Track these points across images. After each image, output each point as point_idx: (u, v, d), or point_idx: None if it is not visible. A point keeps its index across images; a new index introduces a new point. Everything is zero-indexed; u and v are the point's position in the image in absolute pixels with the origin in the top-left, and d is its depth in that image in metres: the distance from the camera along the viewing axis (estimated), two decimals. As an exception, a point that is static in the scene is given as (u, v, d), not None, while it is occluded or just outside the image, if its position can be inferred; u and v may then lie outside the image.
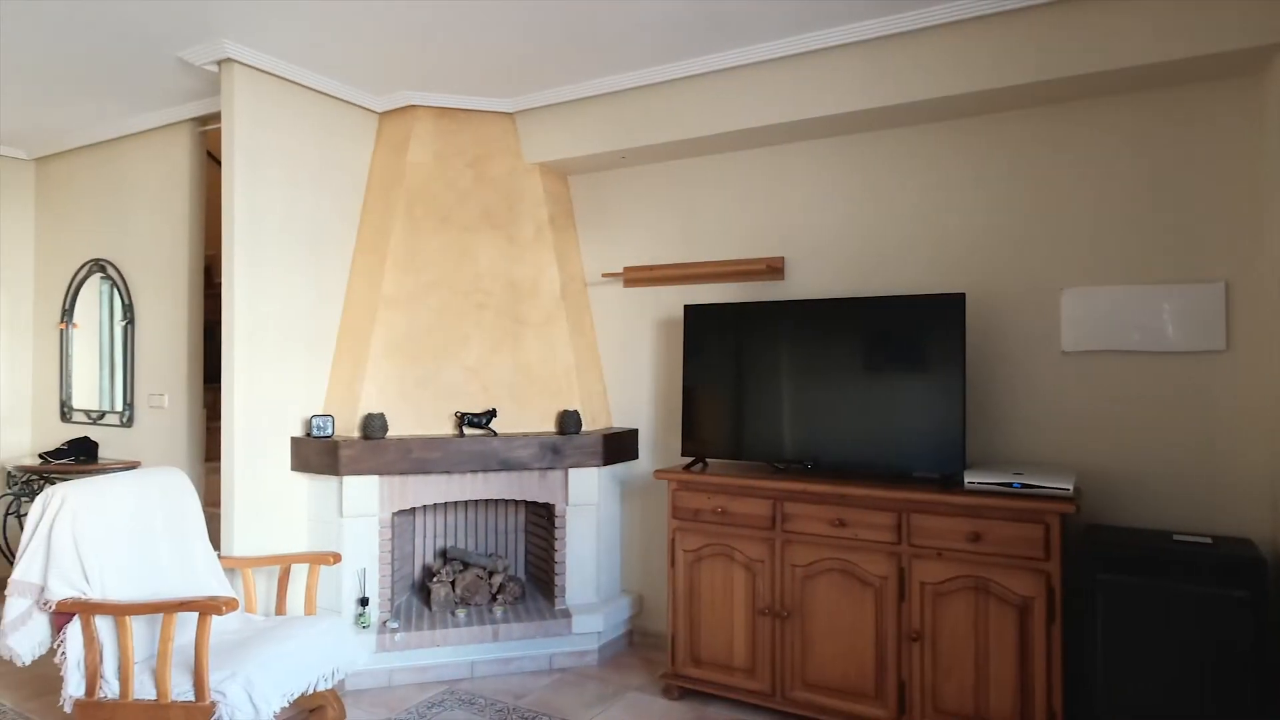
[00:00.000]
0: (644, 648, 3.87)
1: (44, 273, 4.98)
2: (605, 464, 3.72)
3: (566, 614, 3.61)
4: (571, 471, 3.70)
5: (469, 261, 3.83)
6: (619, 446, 3.83)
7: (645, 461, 4.00)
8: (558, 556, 3.72)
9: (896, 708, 2.83)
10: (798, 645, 3.02)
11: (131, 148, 4.44)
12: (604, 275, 4.03)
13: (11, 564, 4.46)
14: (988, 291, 3.16)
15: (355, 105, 3.84)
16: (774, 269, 3.55)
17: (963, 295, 2.88)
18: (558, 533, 3.73)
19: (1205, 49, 2.56)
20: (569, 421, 3.69)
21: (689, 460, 3.52)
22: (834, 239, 3.48)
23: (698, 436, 3.43)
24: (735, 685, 3.14)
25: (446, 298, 3.77)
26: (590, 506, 3.77)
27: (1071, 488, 2.61)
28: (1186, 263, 2.83)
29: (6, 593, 2.61)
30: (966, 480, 2.79)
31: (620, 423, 4.08)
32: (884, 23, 3.01)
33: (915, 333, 2.97)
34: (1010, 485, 2.70)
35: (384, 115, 3.97)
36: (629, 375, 4.05)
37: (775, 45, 3.22)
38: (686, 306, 3.49)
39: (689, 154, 3.78)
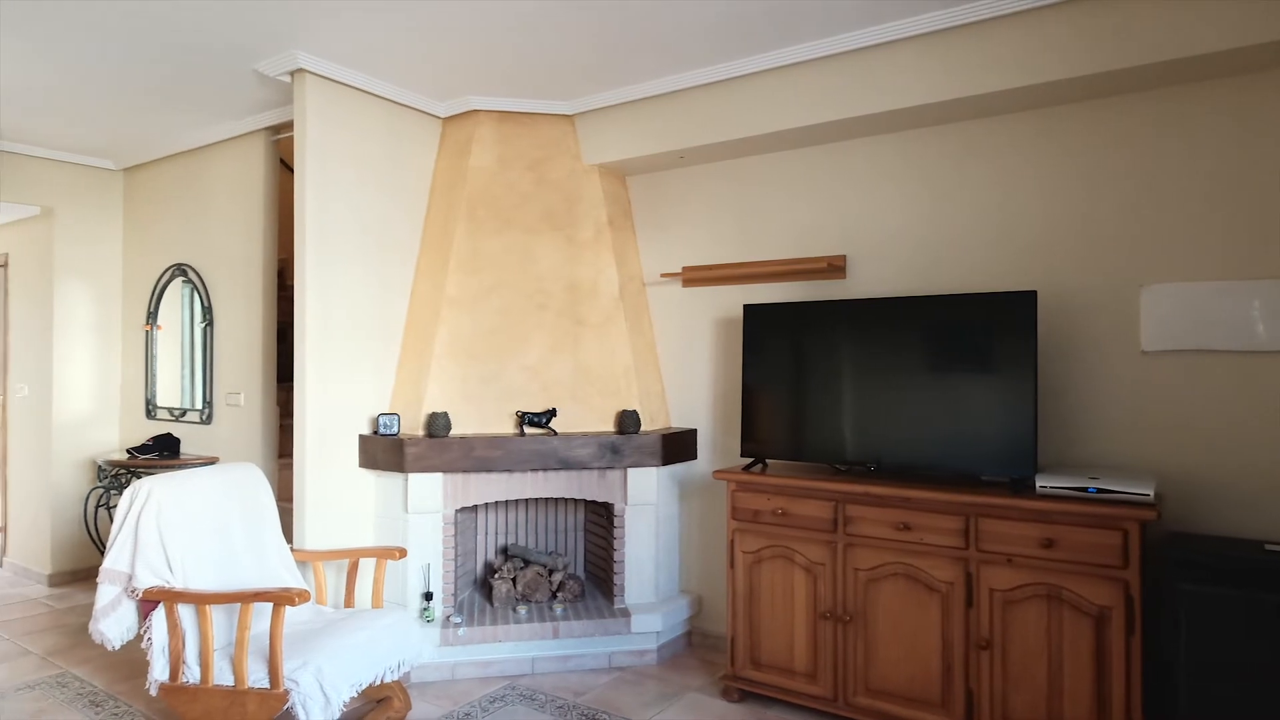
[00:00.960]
0: (703, 649, 3.86)
1: (131, 277, 5.24)
2: (664, 464, 3.72)
3: (625, 613, 3.62)
4: (630, 471, 3.72)
5: (530, 263, 3.88)
6: (678, 446, 3.83)
7: (704, 462, 3.98)
8: (616, 556, 3.74)
9: (964, 717, 2.75)
10: (860, 650, 2.97)
11: (210, 157, 4.64)
12: (662, 275, 4.03)
13: (103, 553, 4.71)
14: (1059, 289, 3.05)
15: (419, 111, 3.94)
16: (835, 267, 3.50)
17: (1034, 293, 2.79)
18: (616, 532, 3.75)
19: (1300, 30, 2.42)
20: (628, 421, 3.70)
21: (748, 461, 3.49)
22: (897, 236, 3.41)
23: (757, 437, 3.40)
24: (796, 689, 3.10)
25: (508, 298, 3.83)
26: (649, 506, 3.77)
27: (1152, 493, 2.50)
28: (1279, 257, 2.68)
29: (98, 580, 2.76)
30: (1038, 484, 2.69)
31: (679, 423, 4.07)
32: (950, 14, 2.93)
33: (984, 332, 2.89)
34: (1085, 490, 2.60)
35: (447, 120, 4.05)
36: (687, 375, 4.04)
37: (836, 40, 3.17)
38: (746, 306, 3.46)
39: (748, 152, 3.75)
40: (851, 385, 3.17)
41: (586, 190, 3.98)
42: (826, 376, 3.23)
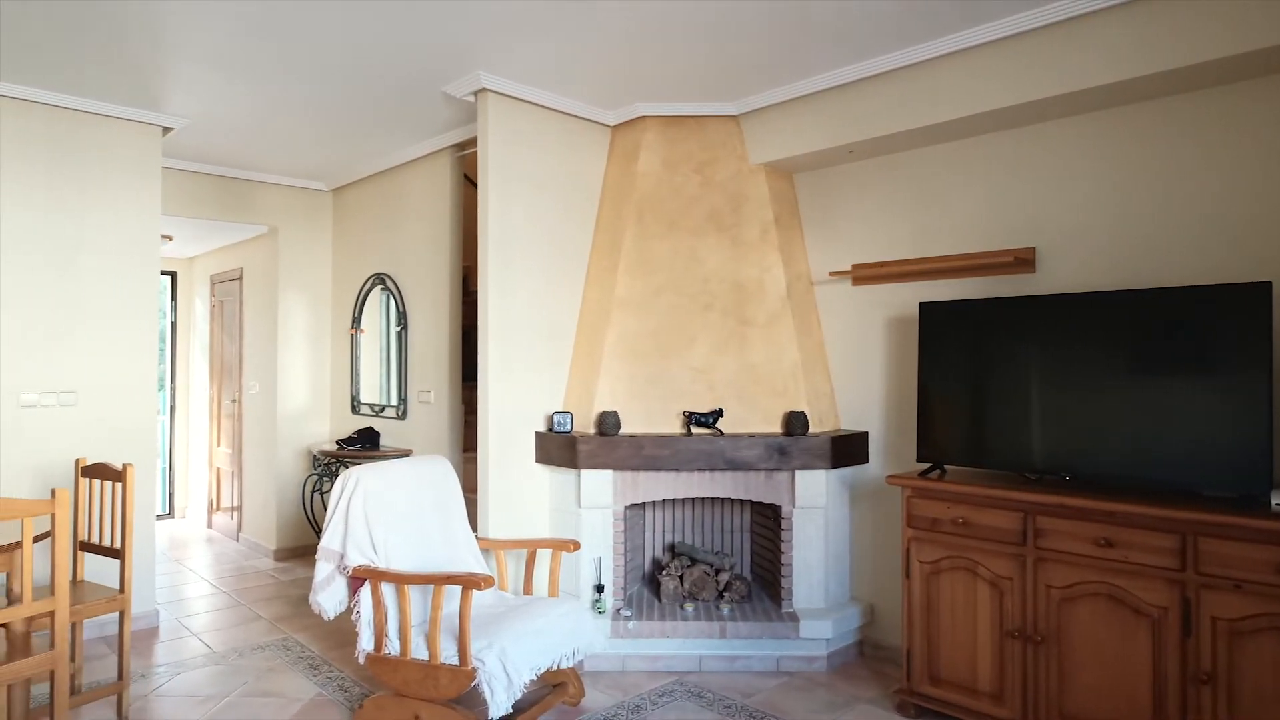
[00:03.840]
0: (875, 660, 3.72)
1: (338, 287, 5.84)
2: (833, 467, 3.63)
3: (794, 617, 3.57)
4: (798, 473, 3.65)
5: (696, 264, 3.92)
6: (848, 449, 3.72)
7: (876, 466, 3.84)
8: (784, 559, 3.69)
9: (1180, 758, 2.47)
10: (1053, 674, 2.74)
11: (404, 175, 5.07)
12: (831, 274, 3.93)
13: (316, 533, 5.28)
14: (1302, 278, 2.65)
15: (590, 121, 4.09)
16: (1022, 261, 3.25)
17: (1268, 285, 2.45)
18: (784, 535, 3.70)
19: None
20: (796, 422, 3.64)
21: (925, 466, 3.32)
22: (1093, 226, 3.12)
23: (934, 442, 3.23)
24: (980, 710, 2.92)
25: (674, 299, 3.89)
26: (818, 510, 3.69)
27: None
28: None
29: (317, 557, 3.09)
30: (1274, 502, 2.36)
31: (848, 425, 3.95)
32: (1161, -24, 2.64)
33: (1203, 329, 2.58)
34: (1337, 510, 2.25)
35: (616, 128, 4.18)
36: (858, 376, 3.91)
37: (1023, 19, 2.95)
38: (922, 304, 3.30)
39: (923, 143, 3.57)
40: (1041, 388, 2.93)
41: (752, 190, 3.96)
42: (1012, 378, 3.01)
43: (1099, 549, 2.63)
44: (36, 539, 2.71)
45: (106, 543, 3.36)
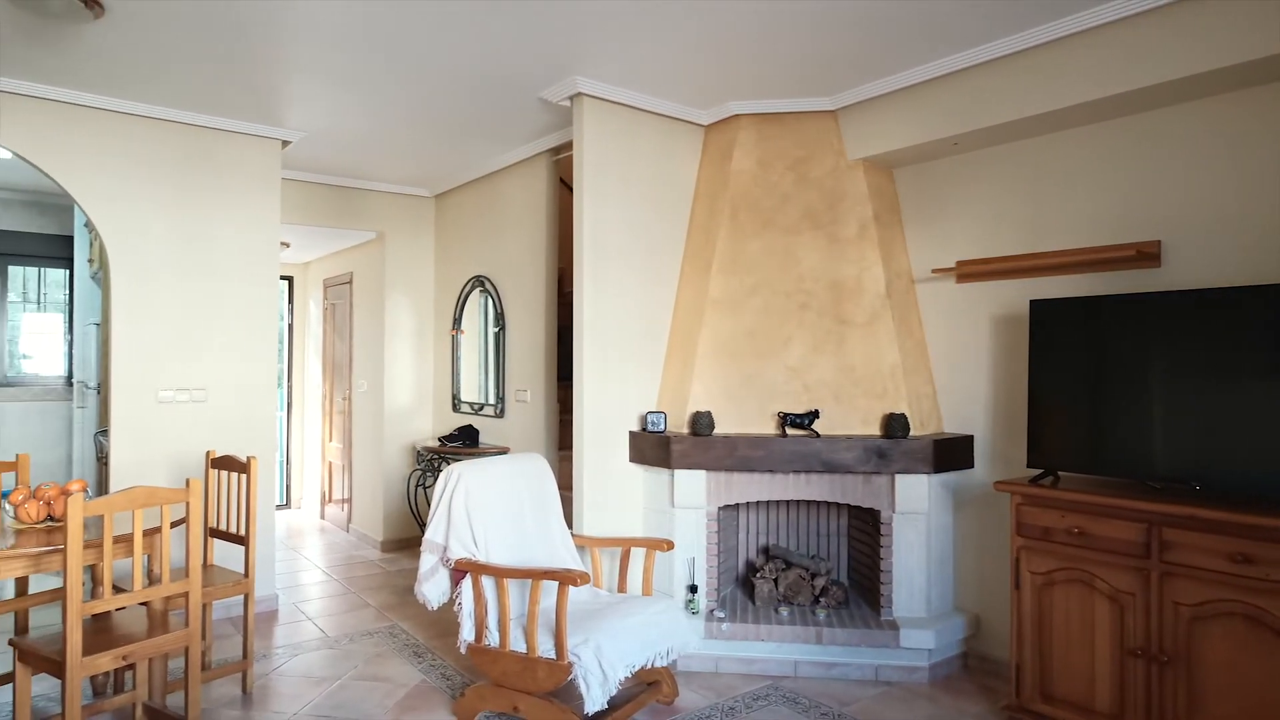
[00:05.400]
0: (981, 673, 3.56)
1: (440, 289, 6.06)
2: (936, 471, 3.50)
3: (894, 626, 3.46)
4: (898, 477, 3.54)
5: (791, 263, 3.86)
6: (951, 453, 3.58)
7: (981, 471, 3.68)
8: (883, 565, 3.59)
9: (1331, 797, 2.25)
10: (1181, 698, 2.55)
11: (501, 180, 5.22)
12: (934, 271, 3.79)
13: (420, 526, 5.50)
14: None
15: (684, 121, 4.09)
16: (1146, 255, 3.04)
17: None
18: (883, 540, 3.59)
19: None
20: (895, 425, 3.53)
21: (1036, 472, 3.16)
22: (1227, 217, 2.88)
23: (1046, 447, 3.07)
24: (1097, 732, 2.75)
25: (769, 299, 3.85)
26: (919, 516, 3.57)
27: None
28: None
29: (421, 549, 3.22)
30: None
31: (952, 428, 3.80)
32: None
33: (1360, 326, 2.34)
34: None
35: (709, 128, 4.16)
36: (962, 377, 3.76)
37: (1149, -7, 2.76)
38: (1033, 302, 3.14)
39: (1034, 132, 3.40)
40: (1167, 390, 2.74)
41: (850, 186, 3.87)
42: (1134, 380, 2.82)
43: (1235, 565, 2.43)
44: (173, 525, 2.94)
45: (232, 530, 3.60)
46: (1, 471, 3.30)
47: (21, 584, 3.19)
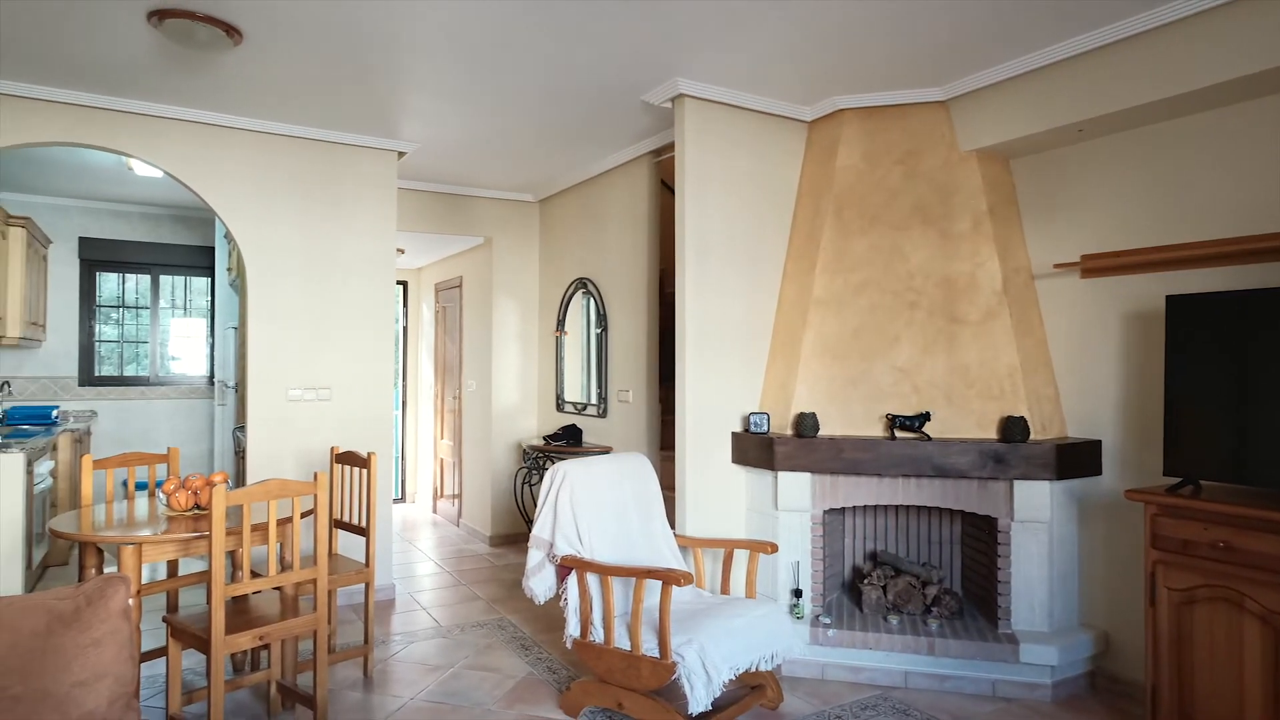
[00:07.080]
0: (1110, 694, 3.34)
1: (544, 292, 6.21)
2: (1058, 478, 3.31)
3: (1012, 639, 3.29)
4: (1017, 484, 3.37)
5: (899, 260, 3.74)
6: (1075, 459, 3.37)
7: (1110, 478, 3.45)
8: (1001, 576, 3.42)
9: None
10: (1349, 733, 2.31)
11: (603, 183, 5.29)
12: (1055, 266, 3.58)
13: (526, 522, 5.65)
14: None
15: (786, 118, 4.03)
16: (1303, 244, 2.77)
17: None
18: (1000, 550, 3.43)
19: None
20: (1014, 428, 3.36)
21: (1174, 481, 2.93)
22: None
23: (1185, 453, 2.84)
24: (1246, 765, 2.53)
25: (875, 298, 3.74)
26: (1040, 524, 3.38)
27: None
28: None
29: (529, 545, 3.31)
30: None
31: (1076, 432, 3.58)
32: None
33: None
34: None
35: (812, 124, 4.09)
36: (1088, 378, 3.53)
37: (1307, -43, 2.51)
38: (1170, 298, 2.91)
39: (1166, 116, 3.16)
40: (1332, 393, 2.48)
41: (963, 179, 3.71)
42: (1291, 381, 2.57)
43: None
44: (302, 516, 3.14)
45: (354, 521, 3.81)
46: (155, 463, 3.61)
47: (172, 566, 3.49)
